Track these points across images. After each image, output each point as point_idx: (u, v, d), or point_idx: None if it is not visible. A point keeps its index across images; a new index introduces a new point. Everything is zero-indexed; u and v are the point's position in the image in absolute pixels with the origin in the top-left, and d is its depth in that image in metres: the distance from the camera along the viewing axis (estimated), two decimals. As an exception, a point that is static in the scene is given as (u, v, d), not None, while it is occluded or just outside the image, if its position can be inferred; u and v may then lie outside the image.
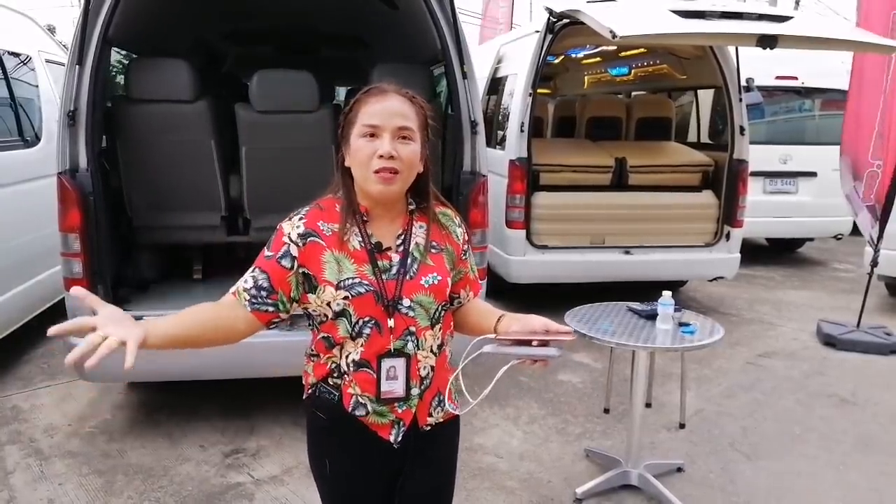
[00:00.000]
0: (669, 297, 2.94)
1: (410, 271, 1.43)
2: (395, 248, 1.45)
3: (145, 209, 3.65)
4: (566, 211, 5.35)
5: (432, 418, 1.52)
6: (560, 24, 4.97)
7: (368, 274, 1.41)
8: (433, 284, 1.44)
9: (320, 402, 1.49)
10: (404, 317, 1.42)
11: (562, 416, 3.77)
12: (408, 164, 1.39)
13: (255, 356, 3.29)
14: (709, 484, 3.10)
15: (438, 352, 1.49)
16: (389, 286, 1.41)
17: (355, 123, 1.40)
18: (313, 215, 1.46)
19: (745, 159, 5.42)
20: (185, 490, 2.97)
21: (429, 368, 1.46)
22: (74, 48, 3.02)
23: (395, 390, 1.43)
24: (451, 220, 1.55)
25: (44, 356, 4.51)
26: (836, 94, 7.49)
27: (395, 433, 1.47)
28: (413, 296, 1.42)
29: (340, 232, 1.42)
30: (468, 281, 1.57)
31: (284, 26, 5.31)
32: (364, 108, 1.40)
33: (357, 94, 1.46)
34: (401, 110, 1.39)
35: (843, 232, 7.55)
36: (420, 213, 1.51)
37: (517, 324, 1.40)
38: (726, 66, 5.40)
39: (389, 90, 1.42)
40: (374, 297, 1.40)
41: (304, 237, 1.42)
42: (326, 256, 1.41)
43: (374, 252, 1.43)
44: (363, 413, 1.45)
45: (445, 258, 1.50)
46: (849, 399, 4.07)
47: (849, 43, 4.30)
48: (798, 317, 5.74)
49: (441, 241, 1.50)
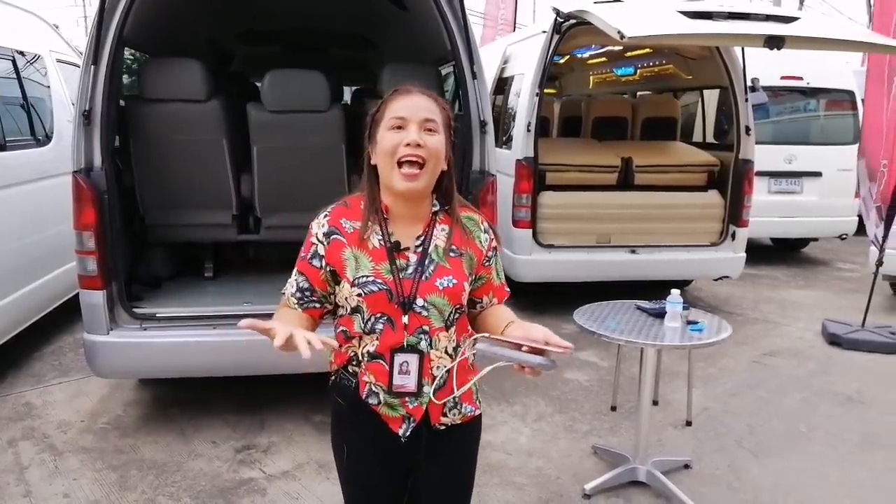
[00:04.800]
0: (678, 295, 2.97)
1: (427, 272, 1.47)
2: (413, 248, 1.49)
3: (157, 207, 3.69)
4: (572, 210, 5.38)
5: (447, 418, 1.54)
6: (567, 25, 5.00)
7: (383, 272, 1.45)
8: (447, 287, 1.47)
9: (340, 389, 1.55)
10: (418, 316, 1.46)
11: (569, 413, 3.81)
12: (434, 153, 1.42)
13: (265, 353, 3.34)
14: (716, 481, 3.13)
15: (455, 354, 1.51)
16: (406, 284, 1.45)
17: (383, 120, 1.45)
18: (338, 213, 1.51)
19: (750, 159, 5.45)
20: (199, 485, 3.00)
21: (443, 369, 1.49)
22: (90, 48, 3.06)
23: (406, 385, 1.47)
24: (476, 226, 1.56)
25: (55, 353, 4.56)
26: (840, 94, 7.53)
27: (405, 428, 1.51)
28: (427, 296, 1.46)
29: (361, 230, 1.46)
30: (492, 287, 1.59)
31: (294, 26, 5.35)
32: (391, 106, 1.45)
33: (377, 95, 1.50)
34: (426, 105, 1.44)
35: (847, 232, 7.57)
36: (444, 215, 1.53)
37: (519, 330, 1.41)
38: (732, 67, 5.43)
39: (414, 90, 1.46)
40: (386, 295, 1.44)
41: (328, 235, 1.48)
42: (346, 253, 1.46)
43: (392, 251, 1.47)
44: (375, 402, 1.50)
45: (464, 263, 1.52)
46: (854, 397, 4.09)
47: (855, 44, 4.32)
48: (803, 316, 5.76)
49: (462, 245, 1.52)
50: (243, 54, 6.49)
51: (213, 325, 3.28)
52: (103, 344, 3.20)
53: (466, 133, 3.45)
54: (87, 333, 3.22)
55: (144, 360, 3.28)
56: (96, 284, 3.14)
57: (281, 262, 4.68)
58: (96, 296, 3.15)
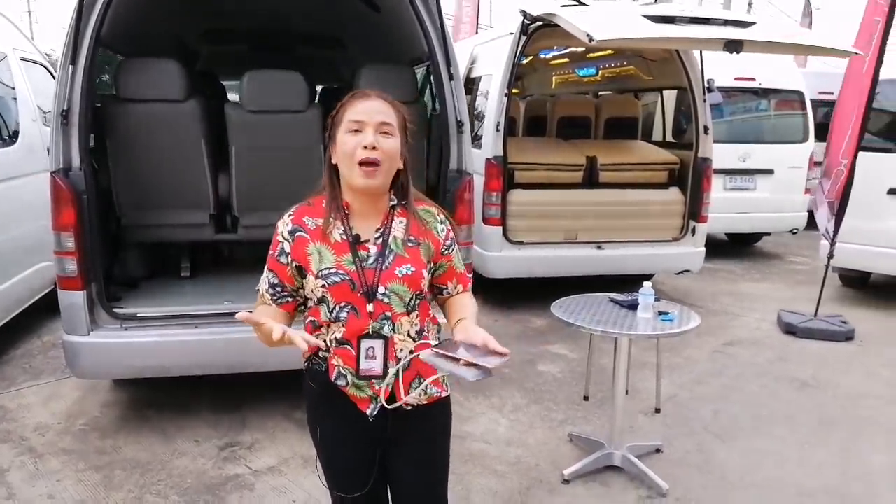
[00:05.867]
0: (650, 287, 3.12)
1: (387, 261, 1.58)
2: (373, 240, 1.60)
3: (134, 208, 3.68)
4: (541, 208, 5.52)
5: (411, 398, 1.63)
6: (534, 27, 5.13)
7: (346, 264, 1.56)
8: (406, 275, 1.58)
9: (312, 373, 1.67)
10: (380, 303, 1.57)
11: (544, 403, 3.93)
12: (389, 155, 1.54)
13: (248, 351, 3.36)
14: (686, 463, 3.29)
15: (418, 337, 1.62)
16: (368, 274, 1.57)
17: (342, 123, 1.55)
18: (301, 212, 1.62)
19: (709, 157, 5.67)
20: (186, 482, 3.02)
21: (406, 352, 1.59)
22: (68, 47, 3.04)
23: (373, 369, 1.58)
24: (433, 217, 1.68)
25: (24, 356, 4.48)
26: (791, 94, 7.86)
27: (373, 407, 1.62)
28: (388, 284, 1.57)
29: (324, 225, 1.57)
30: (455, 274, 1.71)
31: (261, 25, 5.34)
32: (349, 109, 1.55)
33: (342, 97, 1.61)
34: (382, 109, 1.55)
35: (798, 227, 7.92)
36: (401, 208, 1.65)
37: (462, 334, 1.51)
38: (691, 68, 5.64)
39: (372, 94, 1.58)
40: (349, 285, 1.55)
41: (292, 233, 1.59)
42: (310, 248, 1.57)
43: (354, 243, 1.58)
44: (344, 384, 1.61)
45: (422, 252, 1.63)
46: (810, 383, 4.32)
47: (807, 48, 4.55)
48: (759, 307, 6.02)
49: (420, 235, 1.64)
50: (208, 53, 6.44)
51: (196, 324, 3.30)
52: (83, 345, 3.19)
53: (443, 133, 3.54)
54: (66, 334, 3.20)
55: (126, 361, 3.28)
56: (76, 285, 3.13)
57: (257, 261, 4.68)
58: (76, 296, 3.14)
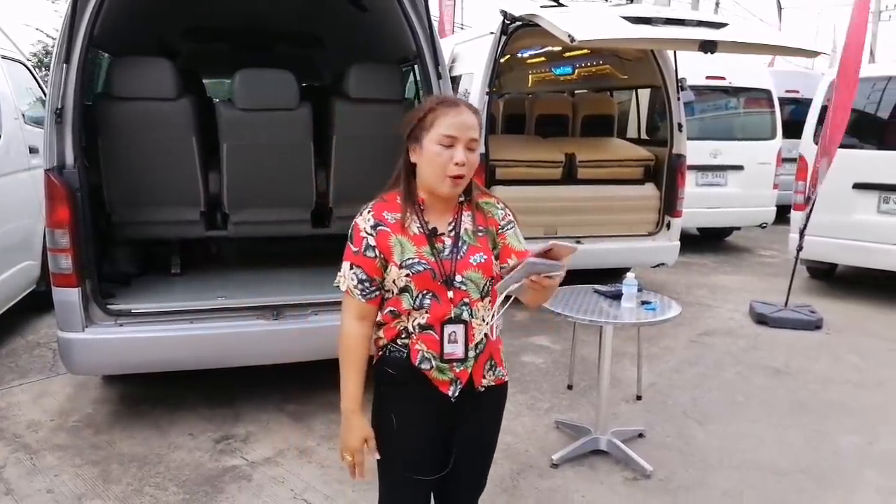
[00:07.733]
0: (633, 278, 3.25)
1: (461, 252, 1.69)
2: (447, 233, 1.71)
3: (125, 205, 3.70)
4: (521, 204, 5.46)
5: (486, 380, 1.76)
6: (514, 27, 5.24)
7: (426, 254, 1.66)
8: (480, 263, 1.70)
9: (390, 360, 1.73)
10: (458, 290, 1.67)
11: (530, 393, 4.05)
12: (472, 168, 1.67)
13: (243, 345, 3.43)
14: (668, 447, 3.43)
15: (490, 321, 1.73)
16: (445, 264, 1.68)
17: (430, 130, 1.63)
18: (379, 207, 1.71)
19: (683, 154, 5.84)
20: (183, 475, 3.07)
21: (482, 335, 1.71)
22: (61, 47, 3.07)
23: (455, 352, 1.69)
24: (493, 206, 1.79)
25: (9, 355, 4.47)
26: (759, 92, 8.12)
27: (454, 389, 1.72)
28: (464, 272, 1.68)
29: (402, 219, 1.67)
30: (511, 251, 1.77)
31: (242, 23, 5.36)
32: (442, 119, 1.63)
33: (429, 101, 1.69)
34: (472, 123, 1.65)
35: (767, 221, 8.18)
36: (467, 203, 1.76)
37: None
38: (665, 67, 5.80)
39: (461, 104, 1.67)
40: (430, 274, 1.66)
41: (374, 227, 1.68)
42: (392, 240, 1.67)
43: (431, 236, 1.68)
44: (428, 367, 1.70)
45: (489, 239, 1.75)
46: (782, 370, 4.52)
47: (777, 48, 4.74)
48: (732, 299, 6.23)
49: (485, 224, 1.76)
50: (187, 52, 6.43)
51: (191, 319, 3.34)
52: (78, 341, 3.22)
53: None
54: (60, 331, 3.23)
55: (121, 356, 3.31)
56: (71, 282, 3.16)
57: (247, 257, 4.72)
58: (71, 293, 3.16)
